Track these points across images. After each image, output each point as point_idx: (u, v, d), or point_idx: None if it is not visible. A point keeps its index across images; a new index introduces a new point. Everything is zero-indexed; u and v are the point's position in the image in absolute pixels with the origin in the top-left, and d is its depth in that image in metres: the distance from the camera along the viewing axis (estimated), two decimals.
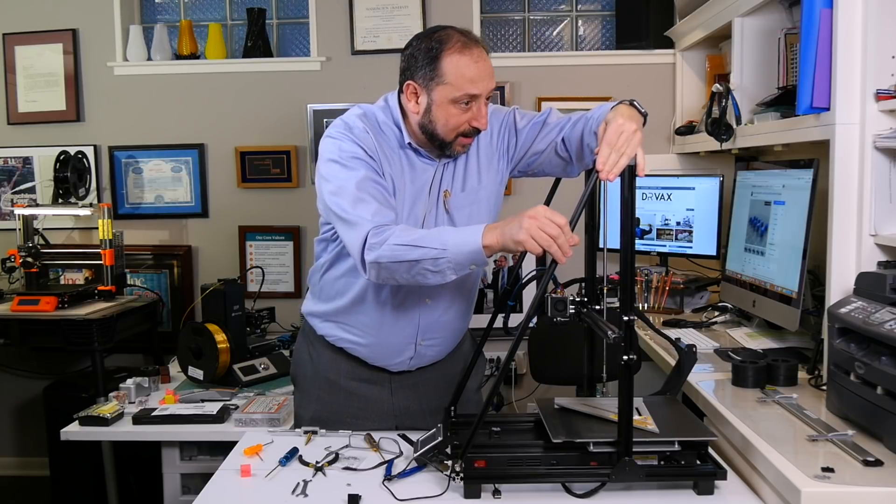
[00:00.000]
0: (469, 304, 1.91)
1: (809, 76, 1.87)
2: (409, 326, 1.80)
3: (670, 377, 1.75)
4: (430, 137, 1.71)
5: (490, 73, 1.68)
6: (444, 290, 1.80)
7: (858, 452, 1.43)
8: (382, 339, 1.82)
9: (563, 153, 1.77)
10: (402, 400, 1.89)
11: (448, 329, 1.87)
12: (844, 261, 1.84)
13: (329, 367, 1.89)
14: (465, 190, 1.79)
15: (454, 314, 1.86)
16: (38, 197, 3.51)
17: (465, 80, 1.64)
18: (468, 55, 1.64)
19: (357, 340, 1.84)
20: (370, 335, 1.82)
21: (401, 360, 1.85)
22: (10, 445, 3.71)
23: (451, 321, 1.86)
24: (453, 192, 1.78)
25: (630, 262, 1.44)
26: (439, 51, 1.64)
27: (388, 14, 3.40)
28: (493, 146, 1.83)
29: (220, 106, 3.49)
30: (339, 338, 1.86)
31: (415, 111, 1.70)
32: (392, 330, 1.80)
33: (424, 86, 1.67)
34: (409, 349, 1.83)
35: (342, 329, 1.85)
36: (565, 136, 1.75)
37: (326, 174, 1.67)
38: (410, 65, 1.69)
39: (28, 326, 2.96)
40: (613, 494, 1.45)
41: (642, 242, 3.07)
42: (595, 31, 3.60)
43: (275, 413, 2.22)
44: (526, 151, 1.82)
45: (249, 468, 1.59)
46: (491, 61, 1.69)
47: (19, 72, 3.55)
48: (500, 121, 1.83)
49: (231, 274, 3.29)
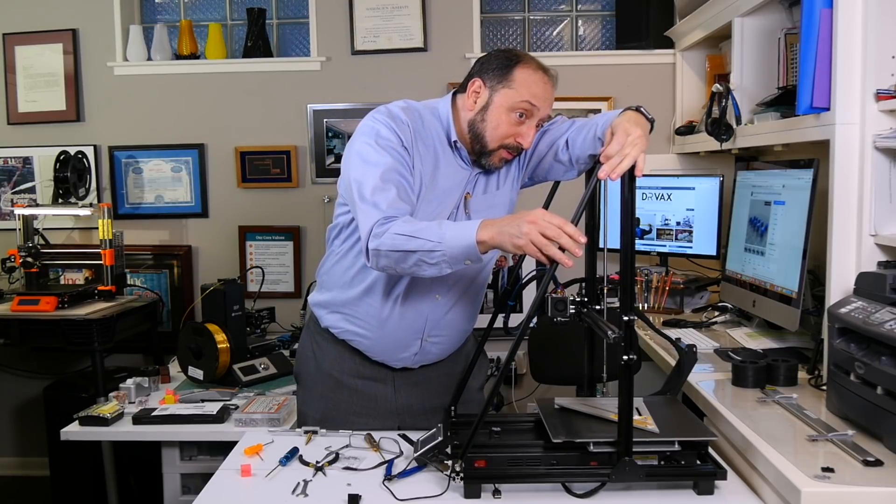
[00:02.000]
0: (476, 306, 1.92)
1: (809, 76, 1.87)
2: (418, 321, 1.80)
3: (670, 377, 1.75)
4: (475, 138, 1.73)
5: (551, 99, 1.73)
6: (455, 288, 1.81)
7: (858, 452, 1.43)
8: (389, 332, 1.81)
9: (563, 157, 1.78)
10: (406, 398, 1.89)
11: (454, 327, 1.87)
12: (844, 261, 1.84)
13: (332, 364, 1.89)
14: (485, 193, 1.81)
15: (462, 314, 1.86)
16: (38, 197, 3.52)
17: (531, 92, 1.68)
18: (541, 73, 1.71)
19: (362, 333, 1.83)
20: (377, 328, 1.81)
21: (405, 355, 1.84)
22: (10, 445, 3.71)
23: (457, 320, 1.87)
24: (474, 194, 1.79)
25: (630, 262, 1.44)
26: (516, 62, 1.70)
27: (388, 14, 3.40)
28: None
29: (220, 106, 3.50)
30: (344, 329, 1.85)
31: (470, 108, 1.73)
32: (399, 324, 1.80)
33: (490, 86, 1.70)
34: (415, 344, 1.83)
35: (347, 320, 1.84)
36: (569, 140, 1.76)
37: (357, 152, 1.67)
38: (482, 67, 1.74)
39: (28, 326, 2.96)
40: (613, 494, 1.45)
41: (642, 242, 3.07)
42: (595, 31, 3.60)
43: (275, 413, 2.22)
44: (538, 159, 1.84)
45: (250, 468, 1.59)
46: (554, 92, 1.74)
47: (19, 72, 3.55)
48: None
49: (231, 274, 3.29)
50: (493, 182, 1.82)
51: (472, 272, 1.83)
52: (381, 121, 1.68)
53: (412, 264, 1.54)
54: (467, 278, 1.83)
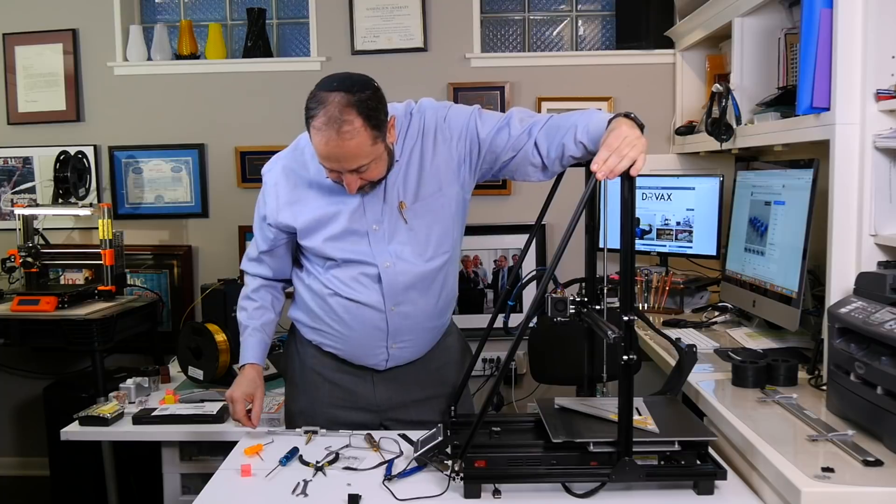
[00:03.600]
0: (439, 303, 1.87)
1: (809, 76, 1.87)
2: (378, 332, 1.83)
3: (670, 377, 1.75)
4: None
5: (348, 152, 1.58)
6: (410, 295, 1.80)
7: (858, 452, 1.43)
8: (355, 344, 1.86)
9: (534, 158, 1.72)
10: (385, 392, 1.91)
11: (419, 330, 1.87)
12: (844, 261, 1.84)
13: (315, 362, 1.93)
14: (419, 199, 1.76)
15: (423, 316, 1.86)
16: (38, 197, 3.51)
17: (321, 156, 1.62)
18: (322, 135, 1.57)
19: (335, 345, 1.89)
20: (344, 341, 1.86)
21: (376, 361, 1.88)
22: (10, 445, 3.71)
23: (421, 323, 1.86)
24: (408, 201, 1.76)
25: (630, 262, 1.44)
26: (308, 116, 1.59)
27: (388, 14, 3.40)
28: (453, 152, 1.77)
29: (220, 106, 3.50)
30: (320, 341, 1.91)
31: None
32: (361, 336, 1.84)
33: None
34: (381, 352, 1.86)
35: (320, 335, 1.90)
36: (538, 142, 1.70)
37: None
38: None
39: (28, 326, 2.96)
40: (613, 494, 1.45)
41: (642, 242, 3.07)
42: (595, 31, 3.60)
43: (275, 413, 2.22)
44: (494, 159, 1.77)
45: (250, 468, 1.59)
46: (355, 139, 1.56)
47: (19, 72, 3.55)
48: (460, 126, 1.77)
49: (231, 274, 3.28)
50: (431, 184, 1.76)
51: (421, 282, 1.80)
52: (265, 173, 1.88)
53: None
54: (417, 289, 1.81)
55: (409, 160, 1.76)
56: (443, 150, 1.77)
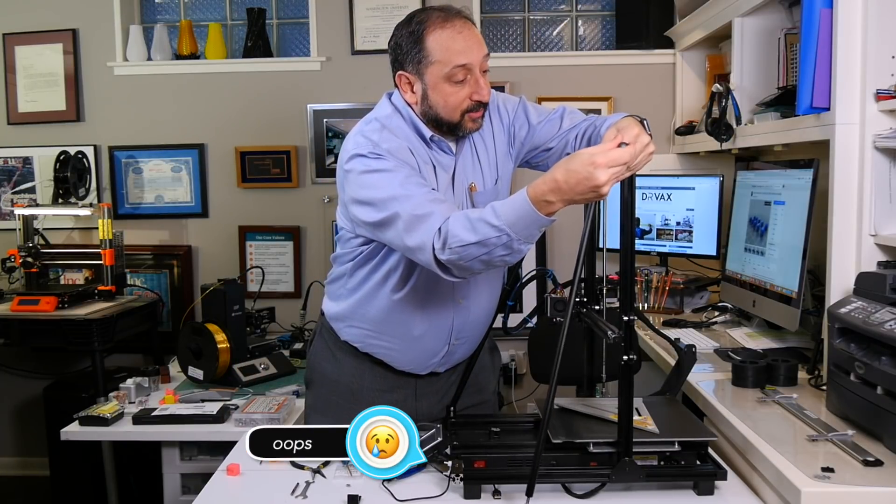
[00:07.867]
0: (496, 295, 1.84)
1: (809, 76, 1.87)
2: (444, 330, 1.77)
3: (670, 377, 1.75)
4: (437, 124, 1.66)
5: (478, 41, 1.62)
6: (478, 287, 1.77)
7: (858, 452, 1.43)
8: (416, 345, 1.77)
9: (566, 153, 1.74)
10: (427, 405, 1.84)
11: (478, 326, 1.83)
12: (844, 261, 1.84)
13: (352, 377, 1.83)
14: (487, 185, 1.76)
15: (485, 309, 1.82)
16: (38, 197, 3.51)
17: (453, 53, 1.59)
18: (450, 27, 1.59)
19: (390, 346, 1.79)
20: (404, 340, 1.77)
21: (433, 361, 1.81)
22: (10, 445, 3.71)
23: (481, 316, 1.82)
24: (479, 186, 1.74)
25: (630, 262, 1.44)
26: (421, 31, 1.59)
27: (388, 14, 3.40)
28: (506, 136, 1.79)
29: (220, 106, 3.50)
30: (367, 343, 1.81)
31: (413, 101, 1.66)
32: (425, 335, 1.76)
33: (415, 72, 1.63)
34: (442, 350, 1.80)
35: (372, 336, 1.79)
36: (578, 136, 1.74)
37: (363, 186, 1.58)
38: (397, 55, 1.65)
39: (28, 326, 2.96)
40: (613, 495, 1.45)
41: (642, 242, 3.07)
42: (595, 31, 3.60)
43: (275, 413, 2.22)
44: (537, 147, 1.79)
45: (238, 467, 1.58)
46: (477, 30, 1.64)
47: (19, 72, 3.55)
48: (513, 110, 1.80)
49: (231, 274, 3.29)
50: (495, 170, 1.77)
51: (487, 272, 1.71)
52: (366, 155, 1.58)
53: (492, 260, 1.44)
54: (486, 280, 1.78)
55: (474, 145, 1.75)
56: (499, 132, 1.79)
